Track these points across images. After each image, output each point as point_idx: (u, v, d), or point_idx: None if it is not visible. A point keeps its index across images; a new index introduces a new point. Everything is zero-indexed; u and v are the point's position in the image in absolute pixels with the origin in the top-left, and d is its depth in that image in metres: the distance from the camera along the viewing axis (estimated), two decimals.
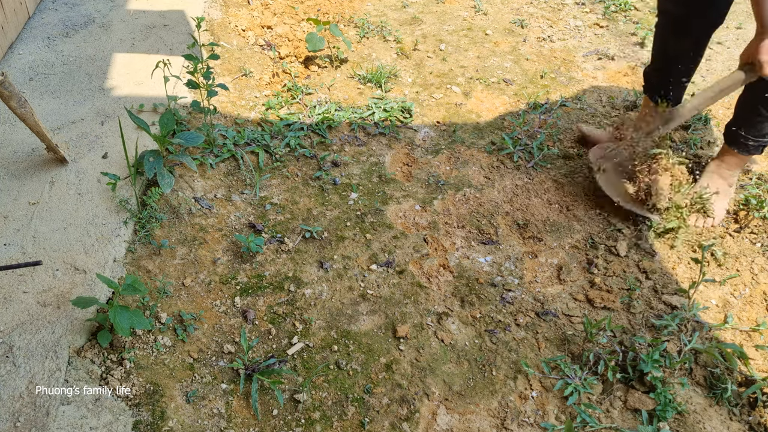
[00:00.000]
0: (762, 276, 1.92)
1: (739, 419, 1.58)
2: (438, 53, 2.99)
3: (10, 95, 1.75)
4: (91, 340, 1.61)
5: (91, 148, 2.15)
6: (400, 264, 1.95)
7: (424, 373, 1.67)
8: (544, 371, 1.68)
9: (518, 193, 2.23)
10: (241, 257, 1.93)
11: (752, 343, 1.74)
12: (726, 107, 2.60)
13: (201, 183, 2.14)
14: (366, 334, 1.76)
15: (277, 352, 1.69)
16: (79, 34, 2.75)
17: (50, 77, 2.48)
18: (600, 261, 1.98)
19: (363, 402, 1.60)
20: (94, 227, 1.87)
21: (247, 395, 1.59)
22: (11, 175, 2.02)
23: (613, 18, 3.30)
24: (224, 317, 1.76)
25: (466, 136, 2.48)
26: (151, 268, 1.84)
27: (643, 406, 1.58)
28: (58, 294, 1.67)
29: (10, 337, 1.56)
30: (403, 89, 2.74)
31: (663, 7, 2.06)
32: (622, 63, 2.93)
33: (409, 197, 2.20)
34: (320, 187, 2.22)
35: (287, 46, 2.94)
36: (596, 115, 2.59)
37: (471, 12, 3.34)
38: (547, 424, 1.56)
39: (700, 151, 2.37)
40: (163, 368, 1.61)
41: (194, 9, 2.99)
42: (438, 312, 1.82)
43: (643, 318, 1.81)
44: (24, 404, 1.44)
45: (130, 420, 1.48)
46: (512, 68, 2.89)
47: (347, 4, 3.34)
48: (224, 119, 2.45)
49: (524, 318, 1.81)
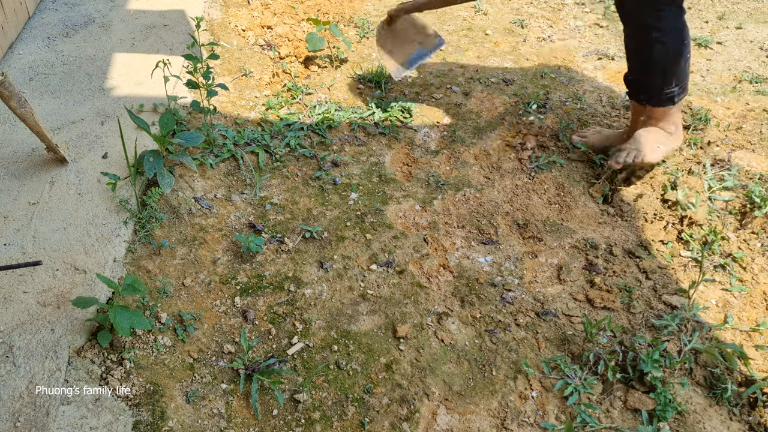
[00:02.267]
0: (762, 276, 1.92)
1: (739, 419, 1.58)
2: (438, 53, 2.99)
3: (10, 95, 1.75)
4: (91, 340, 1.61)
5: (91, 148, 2.15)
6: (400, 264, 1.95)
7: (424, 373, 1.67)
8: (544, 371, 1.68)
9: (518, 193, 2.23)
10: (241, 257, 1.93)
11: (752, 343, 1.74)
12: (726, 107, 2.61)
13: (201, 183, 2.14)
14: (366, 334, 1.76)
15: (277, 352, 1.69)
16: (79, 34, 2.75)
17: (50, 77, 2.48)
18: (600, 261, 1.98)
19: (363, 402, 1.60)
20: (94, 227, 1.87)
21: (247, 395, 1.59)
22: (11, 175, 2.02)
23: (613, 18, 3.30)
24: (224, 317, 1.76)
25: (466, 136, 2.48)
26: (151, 268, 1.84)
27: (643, 406, 1.58)
28: (58, 294, 1.67)
29: (10, 337, 1.56)
30: (403, 89, 2.74)
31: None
32: (622, 63, 2.93)
33: (409, 197, 2.20)
34: (320, 187, 2.22)
35: (287, 46, 2.94)
36: (596, 115, 2.59)
37: (471, 12, 3.34)
38: (547, 424, 1.56)
39: (700, 151, 2.37)
40: (163, 368, 1.61)
41: (194, 9, 2.99)
42: (438, 312, 1.82)
43: (643, 318, 1.81)
44: (24, 404, 1.44)
45: (130, 420, 1.48)
46: (512, 68, 2.89)
47: (347, 4, 3.35)
48: (224, 119, 2.45)
49: (524, 318, 1.81)
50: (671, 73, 2.05)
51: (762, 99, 2.64)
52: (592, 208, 2.18)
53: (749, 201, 2.11)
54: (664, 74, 2.05)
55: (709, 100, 2.65)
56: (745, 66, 2.89)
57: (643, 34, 2.02)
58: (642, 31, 2.02)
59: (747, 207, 2.11)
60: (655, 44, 2.00)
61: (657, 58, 2.02)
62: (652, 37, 1.99)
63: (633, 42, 2.10)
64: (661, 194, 2.19)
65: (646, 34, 2.01)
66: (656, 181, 2.22)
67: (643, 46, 2.04)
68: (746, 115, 2.55)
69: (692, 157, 2.34)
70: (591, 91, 2.73)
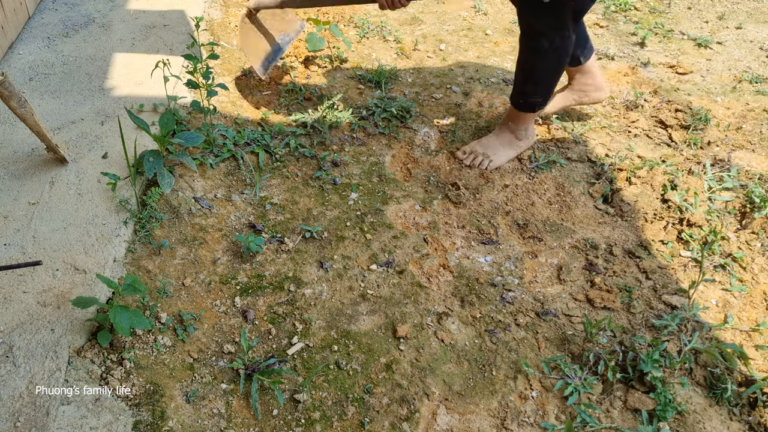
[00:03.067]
0: (762, 276, 1.92)
1: (739, 419, 1.58)
2: (438, 53, 2.99)
3: (10, 95, 1.75)
4: (91, 340, 1.61)
5: (91, 148, 2.15)
6: (400, 264, 1.95)
7: (424, 373, 1.67)
8: (544, 371, 1.68)
9: (518, 193, 2.23)
10: (241, 257, 1.93)
11: (752, 343, 1.74)
12: (726, 107, 2.61)
13: (201, 183, 2.14)
14: (366, 334, 1.76)
15: (277, 352, 1.69)
16: (79, 34, 2.75)
17: (50, 77, 2.48)
18: (600, 261, 1.98)
19: (363, 402, 1.60)
20: (94, 227, 1.87)
21: (247, 395, 1.59)
22: (11, 175, 2.02)
23: (613, 18, 3.30)
24: (224, 317, 1.77)
25: (466, 136, 2.48)
26: (151, 268, 1.84)
27: (643, 406, 1.58)
28: (58, 294, 1.67)
29: (10, 337, 1.56)
30: (403, 89, 2.74)
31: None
32: (622, 63, 2.93)
33: (409, 197, 2.20)
34: (320, 187, 2.22)
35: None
36: (596, 115, 2.59)
37: (471, 12, 3.34)
38: (547, 424, 1.56)
39: (700, 151, 2.38)
40: (163, 368, 1.61)
41: (194, 9, 2.99)
42: (438, 312, 1.82)
43: (643, 318, 1.81)
44: (24, 404, 1.44)
45: (130, 420, 1.48)
46: (512, 68, 2.89)
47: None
48: (224, 119, 2.45)
49: (524, 318, 1.81)
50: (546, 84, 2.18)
51: (762, 99, 2.64)
52: (592, 208, 2.18)
53: (749, 201, 2.11)
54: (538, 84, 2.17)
55: (709, 100, 2.65)
56: (745, 66, 2.89)
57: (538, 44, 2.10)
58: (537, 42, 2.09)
59: (747, 207, 2.11)
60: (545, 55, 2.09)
61: (541, 69, 2.13)
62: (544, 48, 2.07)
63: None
64: (661, 194, 2.19)
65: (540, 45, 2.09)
66: (656, 181, 2.22)
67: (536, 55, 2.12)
68: (746, 115, 2.55)
69: (692, 157, 2.34)
70: None
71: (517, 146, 2.34)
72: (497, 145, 2.32)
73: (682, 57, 2.97)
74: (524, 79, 2.17)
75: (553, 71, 2.13)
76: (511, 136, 2.32)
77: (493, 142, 2.33)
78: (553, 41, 2.02)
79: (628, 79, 2.81)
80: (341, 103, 2.61)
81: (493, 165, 2.31)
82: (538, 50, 2.06)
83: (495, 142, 2.33)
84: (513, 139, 2.32)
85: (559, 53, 2.07)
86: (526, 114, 2.26)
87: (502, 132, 2.34)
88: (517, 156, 2.36)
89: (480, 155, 2.31)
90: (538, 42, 2.04)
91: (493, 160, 2.31)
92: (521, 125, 2.30)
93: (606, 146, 2.42)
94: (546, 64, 2.10)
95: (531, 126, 2.33)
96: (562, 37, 2.02)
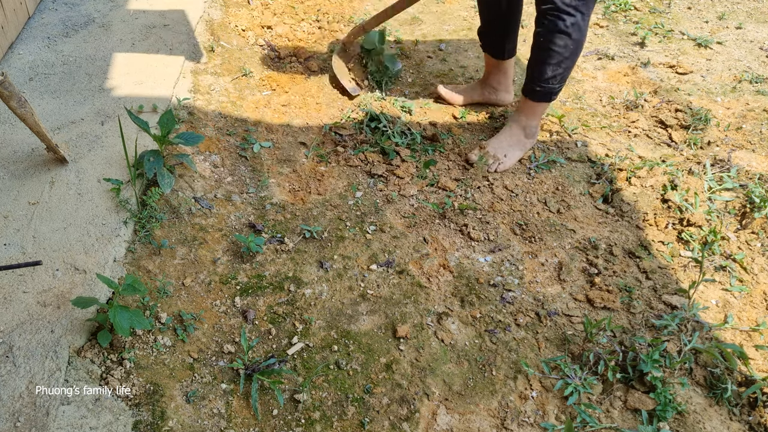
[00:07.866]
0: (762, 276, 1.92)
1: (739, 419, 1.58)
2: (438, 53, 2.99)
3: (10, 95, 1.75)
4: (91, 340, 1.61)
5: (91, 148, 2.15)
6: (400, 264, 1.95)
7: (424, 373, 1.67)
8: (544, 371, 1.68)
9: (518, 192, 2.23)
10: (241, 257, 1.93)
11: (752, 343, 1.74)
12: (726, 107, 2.61)
13: (201, 183, 2.14)
14: (366, 334, 1.76)
15: (277, 352, 1.69)
16: (79, 34, 2.75)
17: (50, 77, 2.48)
18: (600, 261, 1.98)
19: (363, 402, 1.60)
20: (94, 227, 1.87)
21: (247, 395, 1.59)
22: (11, 175, 2.02)
23: (613, 18, 3.30)
24: (224, 317, 1.77)
25: (466, 136, 2.48)
26: (151, 268, 1.84)
27: (643, 406, 1.58)
28: (58, 294, 1.67)
29: (10, 337, 1.56)
30: (403, 89, 2.74)
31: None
32: (622, 63, 2.93)
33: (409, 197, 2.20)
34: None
35: (287, 47, 2.94)
36: (596, 115, 2.59)
37: (471, 12, 3.34)
38: (547, 424, 1.56)
39: (700, 151, 2.38)
40: (163, 368, 1.61)
41: (194, 9, 2.99)
42: (438, 312, 1.82)
43: (643, 318, 1.81)
44: (24, 404, 1.44)
45: (130, 420, 1.48)
46: None
47: (347, 4, 3.35)
48: (224, 119, 2.45)
49: (524, 318, 1.81)
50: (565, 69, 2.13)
51: (762, 99, 2.64)
52: (592, 208, 2.18)
53: (749, 201, 2.11)
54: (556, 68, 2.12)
55: (709, 100, 2.65)
56: (745, 66, 2.89)
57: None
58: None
59: (747, 207, 2.11)
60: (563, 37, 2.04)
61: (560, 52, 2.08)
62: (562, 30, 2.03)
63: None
64: (661, 194, 2.19)
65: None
66: (656, 181, 2.22)
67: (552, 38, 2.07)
68: (746, 115, 2.55)
69: (692, 157, 2.34)
70: (591, 91, 2.74)
71: (525, 145, 2.32)
72: (506, 146, 2.29)
73: (682, 57, 2.97)
74: (542, 61, 2.09)
75: (573, 52, 2.06)
76: (521, 133, 2.29)
77: (503, 143, 2.30)
78: (575, 20, 1.98)
79: (628, 79, 2.81)
80: (341, 103, 2.61)
81: (503, 167, 2.29)
82: (560, 29, 2.00)
83: (505, 143, 2.30)
84: (522, 138, 2.30)
85: (580, 33, 2.01)
86: (540, 105, 2.22)
87: (512, 129, 2.30)
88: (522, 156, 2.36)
89: (491, 157, 2.28)
90: (561, 19, 1.98)
91: (503, 162, 2.28)
92: (534, 119, 2.27)
93: (606, 146, 2.42)
94: (567, 44, 2.03)
95: (539, 121, 2.30)
96: (584, 15, 1.98)
